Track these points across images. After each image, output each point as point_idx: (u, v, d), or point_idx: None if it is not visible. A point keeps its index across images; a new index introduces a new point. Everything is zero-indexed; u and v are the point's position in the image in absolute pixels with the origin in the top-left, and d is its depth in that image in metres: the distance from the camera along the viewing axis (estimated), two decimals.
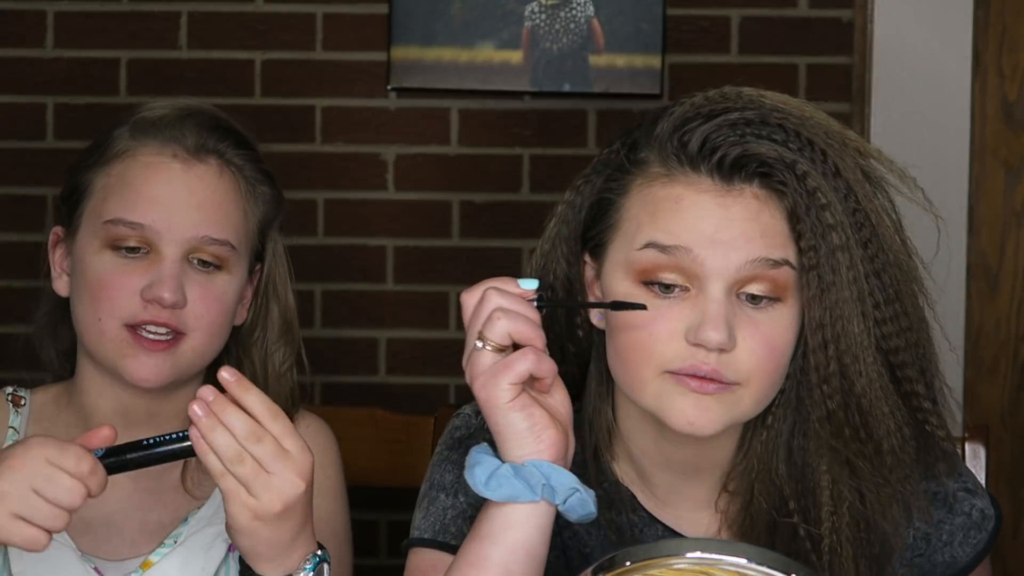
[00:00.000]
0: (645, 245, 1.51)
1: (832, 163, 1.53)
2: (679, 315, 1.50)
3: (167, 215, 1.76)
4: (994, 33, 3.16)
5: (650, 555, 1.25)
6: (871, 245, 1.53)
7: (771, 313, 1.51)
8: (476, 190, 3.19)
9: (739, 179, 1.51)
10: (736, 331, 1.49)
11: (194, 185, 1.78)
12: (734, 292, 1.50)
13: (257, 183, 1.84)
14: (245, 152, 1.84)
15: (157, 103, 1.86)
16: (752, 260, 1.49)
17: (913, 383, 1.56)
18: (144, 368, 1.76)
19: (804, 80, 3.17)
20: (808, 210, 1.51)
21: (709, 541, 1.29)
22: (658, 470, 1.59)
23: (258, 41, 3.18)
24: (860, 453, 1.53)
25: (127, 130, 1.82)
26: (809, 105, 1.57)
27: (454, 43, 3.15)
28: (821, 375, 1.52)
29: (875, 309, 1.53)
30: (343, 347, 3.18)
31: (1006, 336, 3.16)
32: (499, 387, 1.45)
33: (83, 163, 1.84)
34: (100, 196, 1.80)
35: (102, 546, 1.79)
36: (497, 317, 1.45)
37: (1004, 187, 3.16)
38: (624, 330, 1.52)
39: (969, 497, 1.62)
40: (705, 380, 1.49)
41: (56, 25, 3.18)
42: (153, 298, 1.74)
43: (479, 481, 1.46)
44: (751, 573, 1.24)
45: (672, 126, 1.54)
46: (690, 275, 1.50)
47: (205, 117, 1.84)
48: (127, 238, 1.76)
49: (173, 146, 1.79)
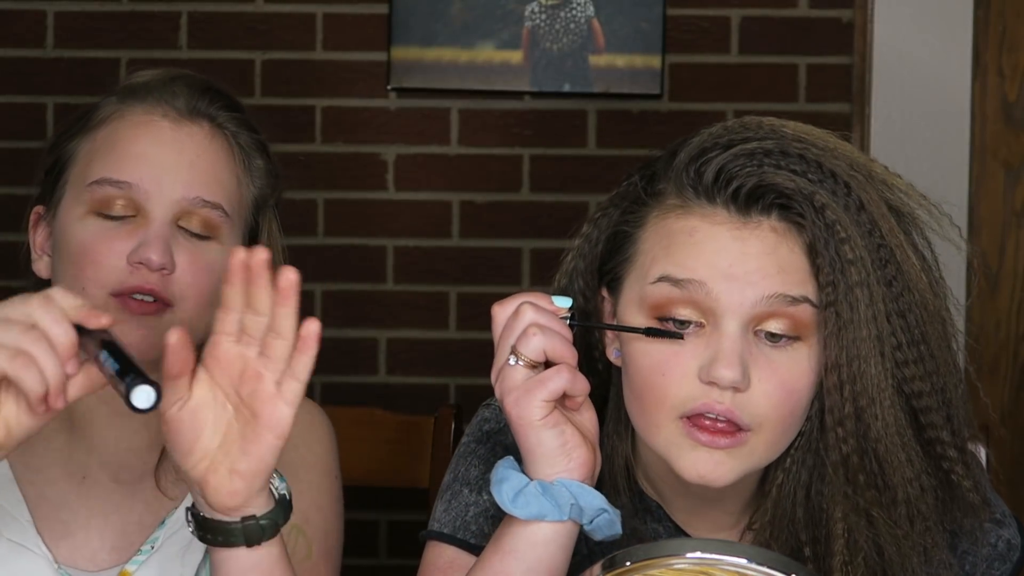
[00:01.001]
0: (658, 279, 1.46)
1: (856, 196, 1.46)
2: (693, 353, 1.44)
3: (156, 173, 1.65)
4: (994, 33, 3.16)
5: (650, 555, 1.25)
6: (896, 283, 1.46)
7: (790, 353, 1.45)
8: (476, 190, 3.19)
9: (756, 211, 1.45)
10: (752, 371, 1.43)
11: (184, 144, 1.68)
12: (751, 329, 1.44)
13: (252, 154, 1.74)
14: (238, 118, 1.74)
15: (146, 71, 1.76)
16: (769, 296, 1.44)
17: (937, 429, 1.48)
18: (132, 333, 1.60)
19: (804, 80, 3.17)
20: (827, 244, 1.44)
21: (709, 541, 1.29)
22: (678, 497, 1.56)
23: (258, 41, 3.18)
24: (876, 502, 1.46)
25: (115, 96, 1.73)
26: (833, 136, 1.51)
27: (454, 43, 3.15)
28: (836, 417, 1.45)
29: (897, 350, 1.46)
30: (343, 347, 3.18)
31: (1006, 336, 3.16)
32: (532, 404, 1.41)
33: (66, 132, 1.73)
34: (84, 161, 1.69)
35: (80, 552, 1.68)
36: (533, 333, 1.41)
37: (1004, 187, 3.16)
38: (638, 372, 1.47)
39: (996, 528, 1.56)
40: (717, 434, 1.43)
41: (56, 25, 3.18)
42: (140, 260, 1.62)
43: (506, 498, 1.42)
44: (751, 573, 1.23)
45: (688, 156, 1.49)
46: (704, 310, 1.44)
47: (196, 80, 1.74)
48: (113, 200, 1.64)
49: (163, 106, 1.69)
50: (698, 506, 1.56)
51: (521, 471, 1.44)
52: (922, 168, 3.03)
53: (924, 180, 1.60)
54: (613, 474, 1.55)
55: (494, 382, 1.44)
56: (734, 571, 1.24)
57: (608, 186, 3.52)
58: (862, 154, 1.52)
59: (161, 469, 1.70)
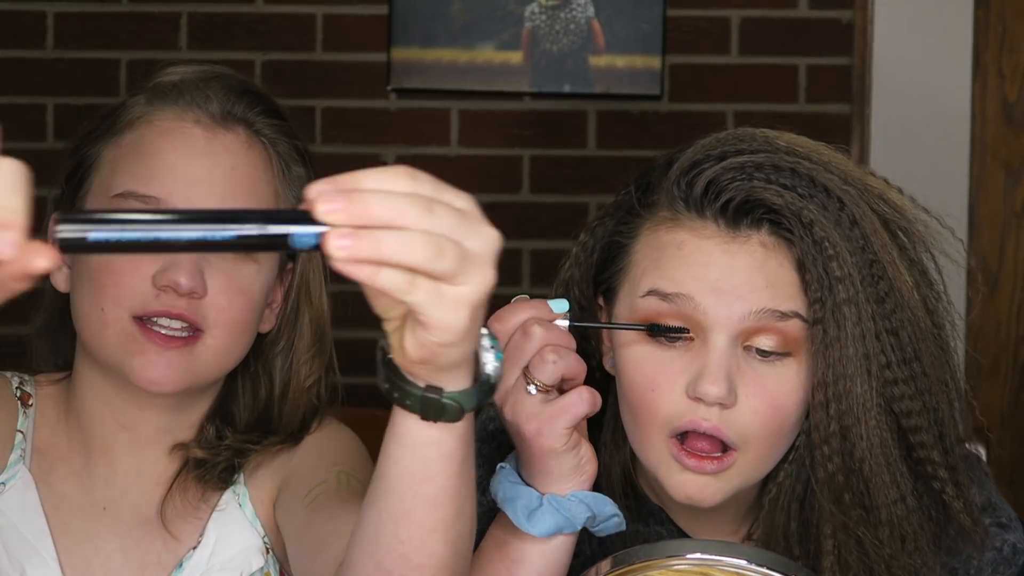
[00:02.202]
0: (647, 292, 1.44)
1: (849, 212, 1.44)
2: (682, 368, 1.42)
3: (185, 188, 1.49)
4: (994, 34, 3.16)
5: (651, 556, 1.25)
6: (888, 300, 1.44)
7: (780, 368, 1.43)
8: (476, 190, 3.15)
9: (745, 225, 1.43)
10: (739, 387, 1.41)
11: (218, 154, 1.52)
12: (740, 344, 1.42)
13: (291, 162, 1.60)
14: (278, 123, 1.59)
15: (178, 67, 1.60)
16: (757, 311, 1.42)
17: (928, 449, 1.45)
18: (154, 368, 1.47)
19: (804, 81, 3.17)
20: (815, 261, 1.42)
21: (709, 542, 1.29)
22: (676, 505, 1.54)
23: (258, 41, 3.18)
24: (863, 521, 1.44)
25: (143, 96, 1.56)
26: (828, 148, 1.49)
27: (454, 44, 3.15)
28: (822, 435, 1.43)
29: (887, 368, 1.43)
30: (344, 348, 3.16)
31: (1006, 337, 3.16)
32: (556, 432, 1.37)
33: (91, 134, 1.57)
34: (109, 169, 1.53)
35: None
36: (550, 360, 1.37)
37: (1004, 187, 3.16)
38: (630, 387, 1.45)
39: (1001, 532, 1.54)
40: (704, 460, 1.42)
41: (56, 25, 3.18)
42: (167, 283, 1.47)
43: (522, 517, 1.40)
44: (751, 574, 1.23)
45: (680, 169, 1.47)
46: (693, 324, 1.42)
47: (233, 81, 1.58)
48: None
49: (195, 111, 1.54)
50: (698, 513, 1.55)
51: (522, 478, 1.43)
52: (922, 169, 3.03)
53: (924, 181, 1.60)
54: (610, 483, 1.54)
55: (500, 405, 1.39)
56: (734, 572, 1.24)
57: (608, 187, 3.52)
58: (859, 167, 1.50)
59: (166, 504, 1.56)
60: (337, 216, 0.97)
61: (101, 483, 1.57)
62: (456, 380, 1.08)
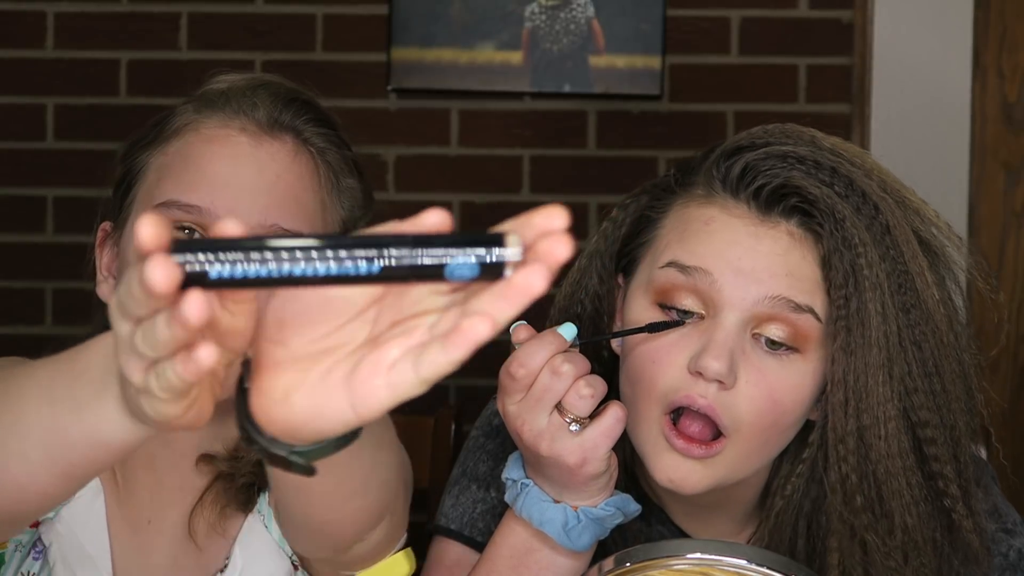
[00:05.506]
0: (667, 264, 1.45)
1: (883, 219, 1.44)
2: (686, 344, 1.42)
3: (229, 197, 1.46)
4: (994, 34, 3.16)
5: (651, 555, 1.25)
6: (913, 312, 1.44)
7: (785, 363, 1.42)
8: (476, 191, 3.19)
9: (776, 212, 1.44)
10: (740, 371, 1.41)
11: (264, 163, 1.49)
12: (749, 330, 1.42)
13: (342, 174, 1.57)
14: (327, 133, 1.56)
15: (228, 75, 1.58)
16: (772, 297, 1.42)
17: (941, 463, 1.44)
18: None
19: (804, 81, 3.17)
20: (842, 257, 1.42)
21: (709, 542, 1.29)
22: (675, 502, 1.55)
23: (258, 42, 3.18)
24: (872, 527, 1.43)
25: (191, 104, 1.55)
26: (871, 156, 1.50)
27: (454, 44, 3.15)
28: (838, 434, 1.42)
29: (907, 376, 1.43)
30: None
31: (1006, 336, 3.15)
32: (600, 459, 1.39)
33: (139, 142, 1.54)
34: (154, 177, 1.50)
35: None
36: (587, 395, 1.37)
37: (1004, 188, 3.16)
38: (634, 359, 1.46)
39: (1007, 538, 1.54)
40: (692, 443, 1.42)
41: (56, 25, 3.18)
42: None
43: (562, 536, 1.41)
44: (751, 574, 1.23)
45: (723, 152, 1.49)
46: (706, 301, 1.43)
47: (282, 89, 1.56)
48: (180, 224, 1.45)
49: (242, 119, 1.51)
50: (696, 511, 1.55)
51: (546, 495, 1.42)
52: (922, 168, 3.03)
53: (924, 181, 1.60)
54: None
55: (534, 440, 1.38)
56: (734, 572, 1.24)
57: (608, 187, 3.53)
58: (898, 180, 1.50)
59: (195, 517, 1.54)
60: (534, 287, 0.82)
61: (147, 497, 1.55)
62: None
